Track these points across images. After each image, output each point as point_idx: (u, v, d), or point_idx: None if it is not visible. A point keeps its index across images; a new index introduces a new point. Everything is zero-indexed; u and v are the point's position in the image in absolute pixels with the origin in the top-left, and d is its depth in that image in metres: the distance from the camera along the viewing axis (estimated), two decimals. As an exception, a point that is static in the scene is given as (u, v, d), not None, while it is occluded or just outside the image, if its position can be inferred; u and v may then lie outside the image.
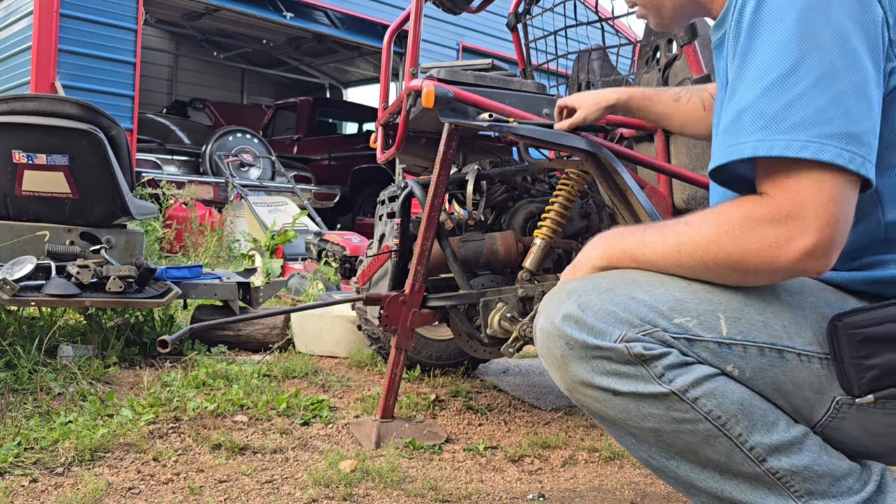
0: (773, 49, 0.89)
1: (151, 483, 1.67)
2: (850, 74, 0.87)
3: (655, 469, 1.03)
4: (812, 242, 0.85)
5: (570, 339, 0.96)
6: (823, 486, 0.93)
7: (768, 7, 0.91)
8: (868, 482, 0.95)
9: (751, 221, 0.88)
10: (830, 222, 0.85)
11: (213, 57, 13.81)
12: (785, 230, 0.86)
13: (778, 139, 0.86)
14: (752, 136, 0.88)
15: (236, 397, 2.26)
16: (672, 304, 0.94)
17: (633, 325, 0.94)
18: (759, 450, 0.93)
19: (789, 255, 0.86)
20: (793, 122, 0.86)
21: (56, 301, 2.50)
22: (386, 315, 2.02)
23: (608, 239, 1.06)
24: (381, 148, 2.54)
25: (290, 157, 9.58)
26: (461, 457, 1.96)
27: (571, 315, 0.96)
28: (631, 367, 0.94)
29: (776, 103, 0.87)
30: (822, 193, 0.85)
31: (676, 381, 0.92)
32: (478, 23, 9.63)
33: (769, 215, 0.87)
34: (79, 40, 6.99)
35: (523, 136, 1.77)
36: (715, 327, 0.93)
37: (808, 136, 0.85)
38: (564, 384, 1.00)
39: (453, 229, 2.24)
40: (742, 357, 0.93)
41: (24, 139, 2.80)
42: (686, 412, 0.93)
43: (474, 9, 2.61)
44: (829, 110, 0.86)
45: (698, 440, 0.94)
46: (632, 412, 0.96)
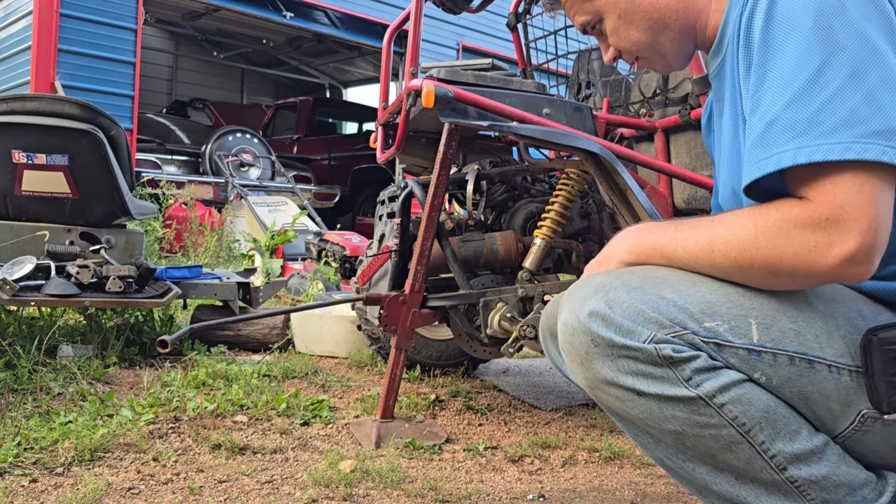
0: (795, 57, 0.88)
1: (151, 483, 1.67)
2: (878, 70, 0.86)
3: (669, 469, 1.02)
4: (854, 247, 0.83)
5: (596, 337, 0.94)
6: (839, 496, 0.92)
7: (780, 18, 0.90)
8: (883, 493, 0.95)
9: (789, 224, 0.86)
10: (872, 226, 0.83)
11: (213, 57, 13.81)
12: (825, 235, 0.84)
13: (818, 144, 0.84)
14: (789, 145, 0.86)
15: (236, 397, 2.26)
16: (703, 306, 0.93)
17: (663, 326, 0.92)
18: (780, 458, 0.92)
19: (829, 260, 0.84)
20: (830, 126, 0.84)
21: (56, 301, 2.50)
22: (386, 315, 2.02)
23: (637, 233, 1.03)
24: (381, 148, 2.54)
25: (289, 157, 9.58)
26: (461, 457, 1.96)
27: (598, 312, 0.94)
28: (658, 369, 0.92)
29: (807, 109, 0.86)
30: (861, 196, 0.83)
31: (704, 385, 0.91)
32: (478, 23, 9.63)
33: (808, 219, 0.85)
34: (79, 40, 6.99)
35: (523, 136, 1.77)
36: (746, 333, 0.92)
37: (848, 138, 0.83)
38: (586, 381, 0.99)
39: (453, 229, 2.24)
40: (771, 365, 0.92)
41: (24, 139, 2.80)
42: (711, 417, 0.92)
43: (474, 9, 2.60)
44: (863, 109, 0.84)
45: (720, 445, 0.93)
46: (654, 413, 0.94)
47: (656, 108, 2.33)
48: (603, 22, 1.17)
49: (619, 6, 1.14)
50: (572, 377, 1.19)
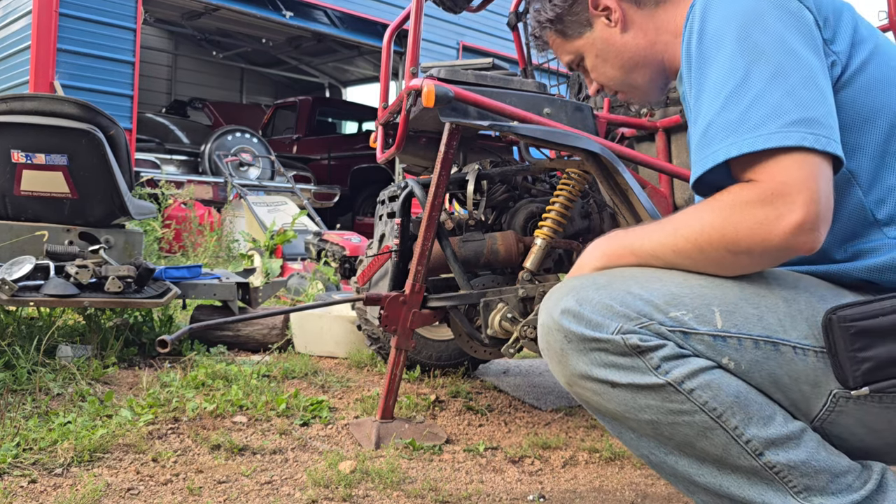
0: (724, 67, 0.98)
1: (150, 484, 1.66)
2: (797, 70, 0.95)
3: (655, 465, 1.04)
4: (800, 217, 0.90)
5: (569, 333, 0.99)
6: (822, 483, 0.94)
7: (708, 35, 1.01)
8: (868, 480, 0.96)
9: (741, 203, 0.93)
10: (814, 197, 0.90)
11: (213, 56, 13.80)
12: (773, 208, 0.90)
13: (745, 138, 0.93)
14: (723, 143, 0.95)
15: (235, 398, 2.25)
16: (668, 298, 0.97)
17: (630, 318, 0.96)
18: (755, 443, 0.94)
19: (780, 230, 0.90)
20: (755, 121, 0.93)
21: (55, 301, 2.49)
22: (386, 315, 2.01)
23: (608, 240, 1.11)
24: (381, 147, 2.54)
25: (289, 157, 9.57)
26: (461, 457, 1.96)
27: (569, 309, 1.00)
28: (627, 359, 0.96)
29: (736, 110, 0.95)
30: (801, 171, 0.91)
31: (672, 372, 0.95)
32: (478, 22, 9.63)
33: (757, 196, 0.92)
34: (78, 40, 6.98)
35: (524, 136, 1.76)
36: (710, 320, 0.96)
37: (771, 129, 0.92)
38: (564, 377, 1.03)
39: (454, 229, 2.24)
40: (737, 350, 0.95)
41: (23, 139, 2.79)
42: (682, 403, 0.95)
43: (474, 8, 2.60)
44: (784, 103, 0.93)
45: (695, 432, 0.96)
46: (629, 404, 0.98)
47: (657, 107, 2.33)
48: (584, 60, 1.33)
49: (596, 46, 1.29)
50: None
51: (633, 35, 1.25)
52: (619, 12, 1.24)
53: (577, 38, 1.31)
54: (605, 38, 1.27)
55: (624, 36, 1.25)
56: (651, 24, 1.24)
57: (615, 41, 1.26)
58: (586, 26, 1.29)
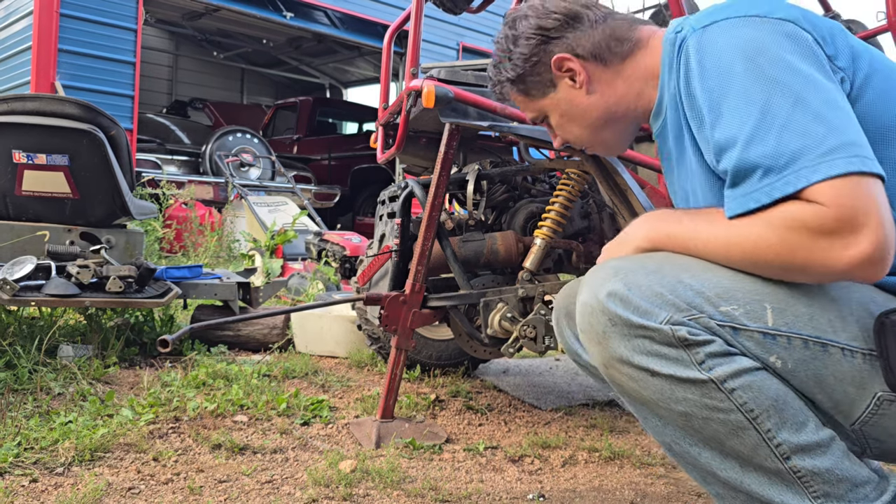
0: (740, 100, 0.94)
1: (151, 483, 1.67)
2: (816, 94, 0.91)
3: (676, 454, 1.04)
4: (869, 248, 0.85)
5: (614, 316, 0.97)
6: (841, 491, 0.94)
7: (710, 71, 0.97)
8: (884, 492, 0.96)
9: (801, 227, 0.88)
10: (880, 222, 0.86)
11: (213, 57, 13.80)
12: (840, 238, 0.86)
13: (786, 176, 0.88)
14: (762, 183, 0.90)
15: (236, 397, 2.26)
16: (719, 291, 0.95)
17: (680, 309, 0.95)
18: (785, 447, 0.94)
19: (845, 261, 0.87)
20: (790, 156, 0.88)
21: (56, 301, 2.50)
22: (386, 315, 2.02)
23: (655, 221, 1.07)
24: (381, 148, 2.54)
25: (290, 157, 9.57)
26: (461, 457, 1.96)
27: (617, 293, 0.97)
28: (673, 350, 0.95)
29: (766, 145, 0.90)
30: (863, 196, 0.86)
31: (716, 369, 0.94)
32: (478, 23, 9.63)
33: (819, 222, 0.87)
34: (79, 40, 6.99)
35: (524, 136, 1.77)
36: (761, 317, 0.94)
37: (810, 162, 0.87)
38: (602, 359, 1.01)
39: (453, 229, 2.24)
40: (786, 348, 0.94)
41: (24, 139, 2.80)
42: (721, 401, 0.94)
43: (474, 9, 2.60)
44: (814, 129, 0.88)
45: (727, 430, 0.95)
46: (666, 394, 0.97)
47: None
48: (549, 118, 1.28)
49: (561, 107, 1.24)
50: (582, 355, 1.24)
51: (601, 95, 1.20)
52: (584, 74, 1.19)
53: (540, 99, 1.26)
54: (569, 100, 1.22)
55: (590, 97, 1.20)
56: (619, 79, 1.19)
57: (580, 102, 1.21)
58: (549, 87, 1.23)
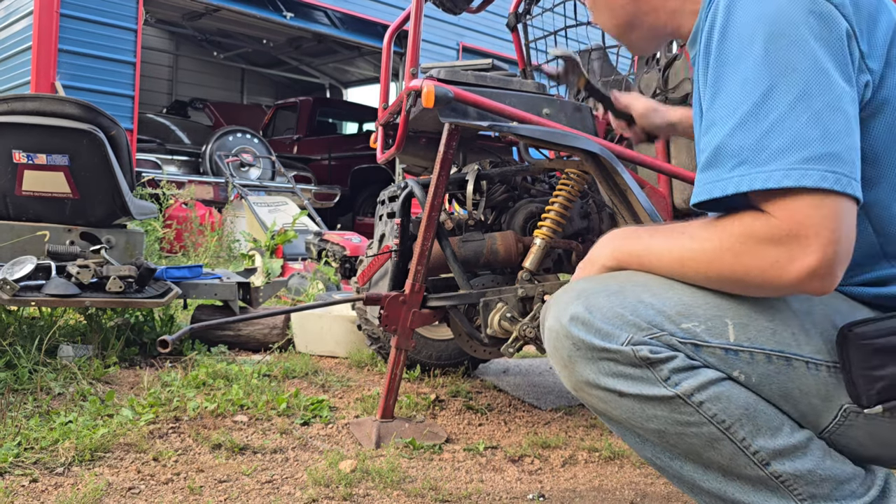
0: (743, 80, 0.89)
1: (151, 483, 1.67)
2: (824, 94, 0.86)
3: (659, 468, 1.03)
4: (815, 262, 0.84)
5: (577, 340, 0.97)
6: (826, 490, 0.93)
7: (732, 34, 0.92)
8: (872, 486, 0.95)
9: (752, 239, 0.88)
10: (832, 239, 0.84)
11: (213, 57, 13.81)
12: (787, 250, 0.85)
13: (758, 172, 0.86)
14: (733, 173, 0.88)
15: (236, 397, 2.26)
16: (680, 308, 0.95)
17: (641, 329, 0.94)
18: (762, 454, 0.93)
19: (792, 274, 0.86)
20: (771, 152, 0.86)
21: (56, 301, 2.50)
22: (386, 315, 2.02)
23: (619, 239, 1.06)
24: (381, 148, 2.54)
25: (290, 157, 9.58)
26: (461, 457, 1.96)
27: (579, 316, 0.97)
28: (637, 370, 0.94)
29: (752, 135, 0.87)
30: (819, 212, 0.84)
31: (682, 384, 0.93)
32: (478, 23, 9.62)
33: (770, 234, 0.86)
34: (79, 40, 6.99)
35: (524, 136, 1.77)
36: (722, 333, 0.94)
37: (788, 164, 0.85)
38: (571, 383, 1.01)
39: (453, 229, 2.24)
40: (749, 363, 0.93)
41: (25, 139, 2.80)
42: (690, 415, 0.93)
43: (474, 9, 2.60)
44: (806, 133, 0.85)
45: (702, 443, 0.94)
46: (637, 413, 0.96)
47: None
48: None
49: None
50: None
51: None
52: None
53: None
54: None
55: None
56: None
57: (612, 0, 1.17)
58: None
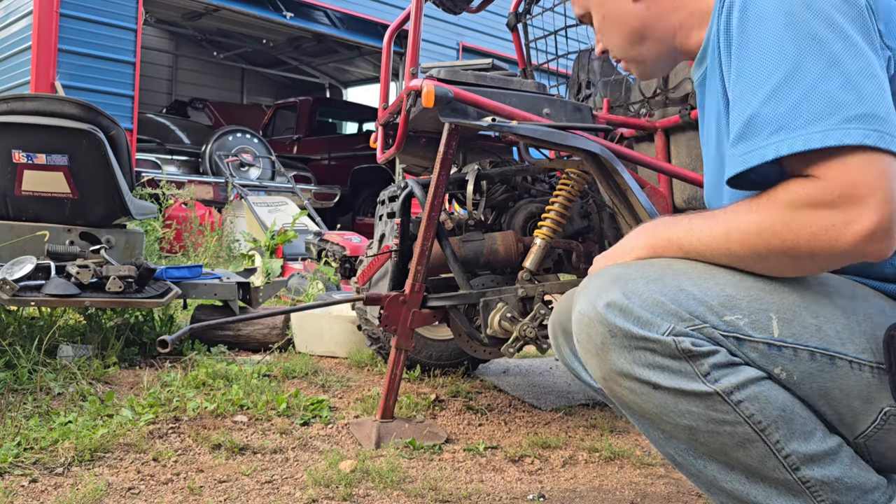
0: (771, 52, 0.88)
1: (151, 483, 1.67)
2: (854, 61, 0.85)
3: (679, 465, 1.01)
4: (874, 223, 0.81)
5: (614, 327, 0.93)
6: (850, 499, 0.92)
7: (753, 13, 0.91)
8: (893, 496, 0.94)
9: (803, 205, 0.84)
10: (889, 198, 0.81)
11: (213, 57, 13.81)
12: (841, 212, 0.82)
13: (798, 135, 0.84)
14: (771, 139, 0.86)
15: (236, 397, 2.26)
16: (723, 299, 0.92)
17: (683, 319, 0.91)
18: (794, 458, 0.91)
19: (848, 238, 0.82)
20: (808, 117, 0.84)
21: (56, 301, 2.50)
22: (386, 315, 2.01)
23: (653, 228, 1.03)
24: (381, 148, 2.54)
25: (289, 157, 9.58)
26: (461, 457, 1.96)
27: (616, 302, 0.93)
28: (676, 362, 0.91)
29: (786, 102, 0.85)
30: (870, 171, 0.81)
31: (722, 381, 0.90)
32: (478, 22, 9.63)
33: (822, 198, 0.83)
34: (79, 40, 6.99)
35: (524, 136, 1.77)
36: (766, 328, 0.91)
37: (828, 126, 0.83)
38: (601, 372, 0.97)
39: (453, 229, 2.24)
40: (791, 360, 0.91)
41: (24, 139, 2.80)
42: (727, 414, 0.91)
43: (474, 9, 2.60)
44: (842, 96, 0.83)
45: (734, 443, 0.92)
46: (669, 408, 0.93)
47: (656, 108, 2.33)
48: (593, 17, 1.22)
49: (605, 7, 1.18)
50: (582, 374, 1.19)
51: (646, 6, 1.13)
52: None
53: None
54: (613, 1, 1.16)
55: (635, 4, 1.13)
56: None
57: (623, 7, 1.14)
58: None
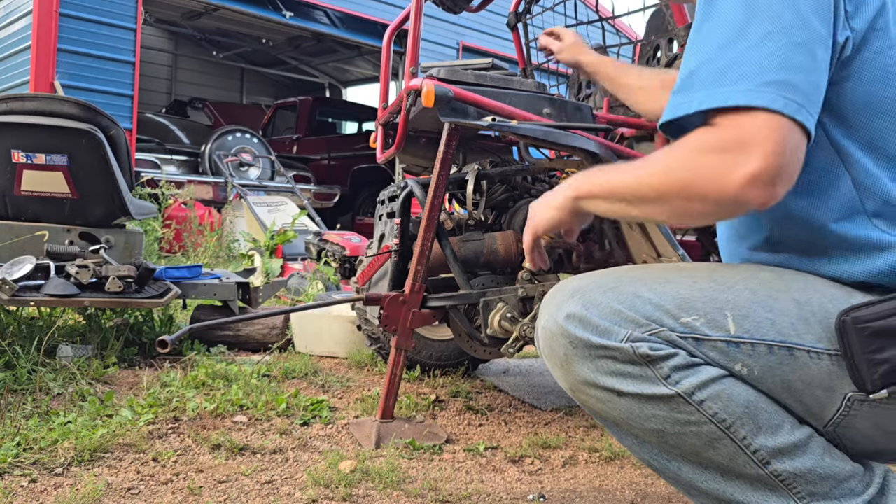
0: (724, 15, 0.93)
1: (151, 483, 1.67)
2: (796, 33, 0.89)
3: (657, 469, 1.02)
4: (758, 168, 0.85)
5: (574, 339, 0.95)
6: (826, 489, 0.93)
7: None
8: (870, 484, 0.95)
9: (700, 148, 0.90)
10: (776, 150, 0.86)
11: (213, 56, 13.80)
12: (731, 157, 0.87)
13: (719, 93, 0.89)
14: (698, 93, 0.91)
15: (236, 397, 2.25)
16: (679, 302, 0.94)
17: (639, 325, 0.93)
18: (762, 453, 0.92)
19: (735, 181, 0.86)
20: (734, 77, 0.89)
21: (55, 301, 2.49)
22: (386, 315, 2.01)
23: (583, 176, 1.07)
24: (380, 148, 2.54)
25: (289, 157, 9.57)
26: (461, 457, 1.96)
27: (575, 314, 0.96)
28: (636, 368, 0.93)
29: (721, 62, 0.91)
30: (767, 126, 0.86)
31: (682, 382, 0.92)
32: (478, 22, 9.63)
33: (717, 142, 0.88)
34: (78, 40, 6.99)
35: (524, 136, 1.77)
36: (722, 326, 0.92)
37: (746, 87, 0.88)
38: (567, 384, 1.00)
39: (453, 229, 2.24)
40: (750, 356, 0.92)
41: (24, 139, 2.79)
42: (691, 414, 0.92)
43: (474, 8, 2.60)
44: (768, 62, 0.88)
45: (702, 442, 0.93)
46: (635, 413, 0.95)
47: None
48: None
49: None
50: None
51: None
52: None
53: None
54: None
55: None
56: None
57: None
58: None
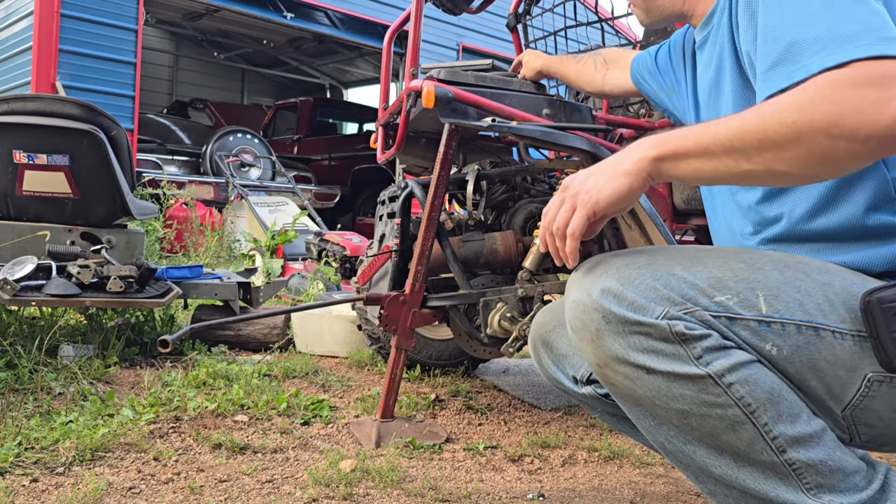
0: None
1: (152, 483, 1.67)
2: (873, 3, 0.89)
3: (669, 453, 1.03)
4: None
5: (609, 313, 0.95)
6: (833, 481, 0.94)
7: None
8: (873, 480, 0.97)
9: (846, 82, 0.84)
10: None
11: (214, 57, 13.81)
12: (884, 89, 0.82)
13: (842, 49, 0.86)
14: (815, 57, 0.87)
15: (237, 397, 2.26)
16: (712, 281, 0.95)
17: (675, 303, 0.93)
18: (781, 440, 0.93)
19: (891, 112, 0.81)
20: (848, 34, 0.86)
21: (57, 301, 2.50)
22: (386, 315, 2.02)
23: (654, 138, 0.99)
24: (381, 148, 2.54)
25: (290, 158, 9.58)
26: (461, 456, 1.96)
27: (611, 289, 0.96)
28: (669, 346, 0.93)
29: (822, 27, 0.89)
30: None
31: (714, 364, 0.92)
32: (478, 23, 9.64)
33: (867, 77, 0.84)
34: (79, 40, 7.00)
35: (524, 137, 1.77)
36: (755, 305, 0.94)
37: (869, 41, 0.85)
38: (596, 359, 0.99)
39: (453, 229, 2.25)
40: (780, 335, 0.94)
41: (25, 139, 2.80)
42: (718, 396, 0.93)
43: (474, 9, 2.61)
44: (874, 21, 0.87)
45: (724, 425, 0.94)
46: (662, 392, 0.95)
47: (656, 108, 2.33)
48: None
49: None
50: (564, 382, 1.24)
51: None
52: None
53: None
54: None
55: None
56: None
57: None
58: None
